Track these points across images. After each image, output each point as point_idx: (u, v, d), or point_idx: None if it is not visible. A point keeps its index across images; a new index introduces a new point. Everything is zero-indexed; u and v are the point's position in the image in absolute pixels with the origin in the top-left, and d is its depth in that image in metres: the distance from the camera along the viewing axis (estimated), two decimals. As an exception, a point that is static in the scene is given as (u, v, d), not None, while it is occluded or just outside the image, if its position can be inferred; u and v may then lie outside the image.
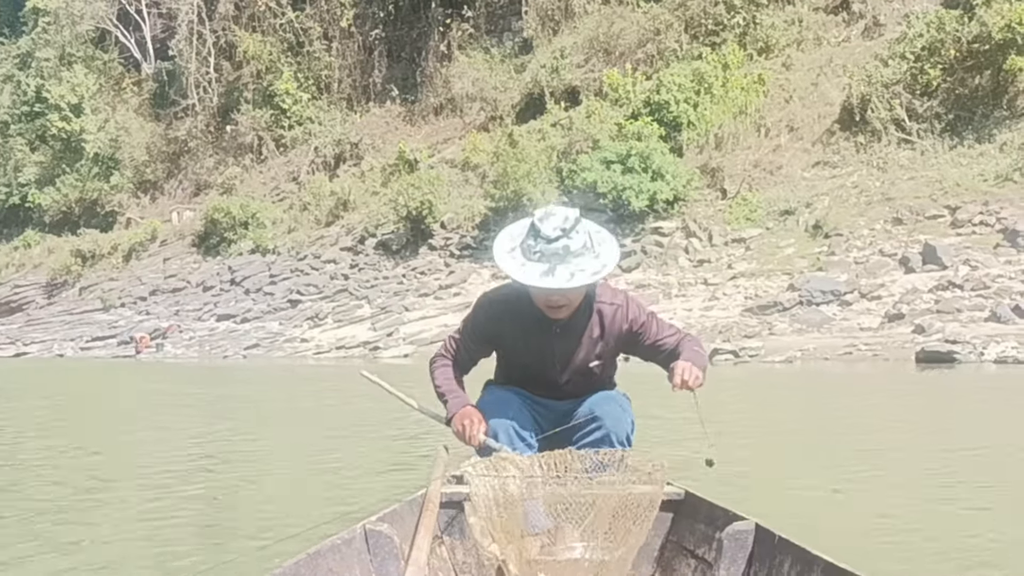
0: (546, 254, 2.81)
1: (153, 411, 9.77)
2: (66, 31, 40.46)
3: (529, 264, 2.83)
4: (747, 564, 2.54)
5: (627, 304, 3.08)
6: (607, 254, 2.90)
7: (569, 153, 24.79)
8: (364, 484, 4.88)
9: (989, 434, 6.29)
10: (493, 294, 3.22)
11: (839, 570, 2.15)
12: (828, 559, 2.21)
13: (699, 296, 18.98)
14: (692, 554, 2.77)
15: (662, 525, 2.88)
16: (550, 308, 2.94)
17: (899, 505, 4.03)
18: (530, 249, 2.84)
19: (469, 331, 3.18)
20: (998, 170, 18.79)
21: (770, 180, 22.04)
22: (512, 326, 3.06)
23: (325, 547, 2.33)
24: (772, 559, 2.44)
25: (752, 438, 6.19)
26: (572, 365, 3.09)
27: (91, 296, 32.41)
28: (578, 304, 2.97)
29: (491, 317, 3.11)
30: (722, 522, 2.64)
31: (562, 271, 2.79)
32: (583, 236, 2.84)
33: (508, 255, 2.90)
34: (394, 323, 22.20)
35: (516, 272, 2.85)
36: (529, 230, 2.87)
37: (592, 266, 2.83)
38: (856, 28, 25.77)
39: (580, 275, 2.80)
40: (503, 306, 3.08)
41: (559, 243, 2.80)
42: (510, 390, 3.17)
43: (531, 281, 2.82)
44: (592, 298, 3.03)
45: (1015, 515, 3.82)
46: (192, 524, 3.97)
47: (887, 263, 17.44)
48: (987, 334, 13.00)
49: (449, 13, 33.01)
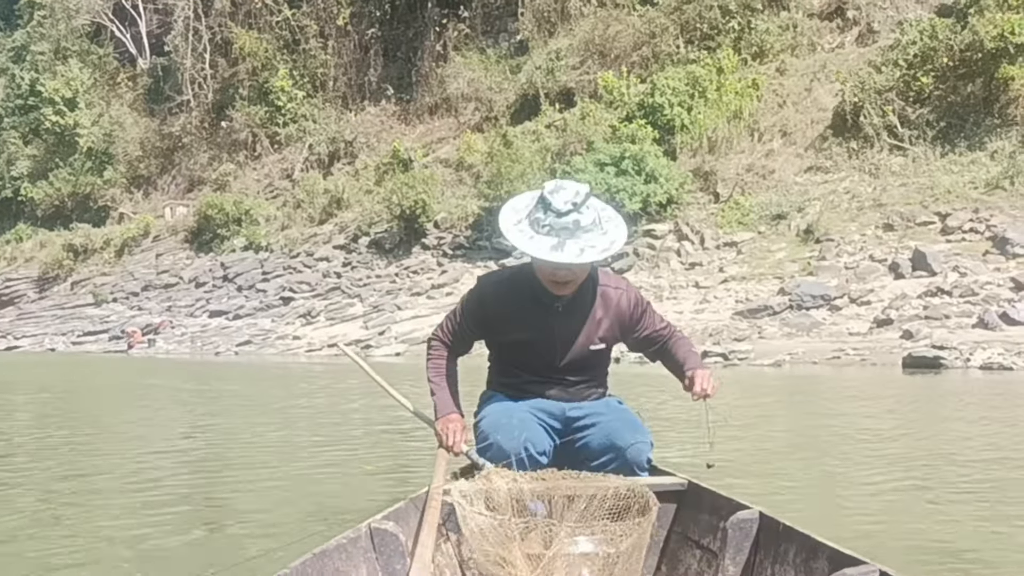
0: (555, 228, 2.75)
1: (143, 407, 9.80)
2: (61, 25, 40.45)
3: (538, 237, 2.78)
4: (752, 553, 2.54)
5: (629, 289, 3.07)
6: (615, 231, 2.85)
7: (563, 154, 24.87)
8: (354, 482, 4.91)
9: (965, 437, 6.37)
10: (492, 275, 3.20)
11: (844, 556, 2.16)
12: (833, 545, 2.23)
13: (690, 299, 19.07)
14: (697, 544, 2.77)
15: (666, 516, 2.88)
16: (555, 284, 2.89)
17: (863, 497, 4.11)
18: (539, 222, 2.78)
19: (469, 311, 3.10)
20: (988, 178, 18.93)
21: (763, 184, 22.16)
22: (512, 306, 3.00)
23: (331, 546, 2.32)
24: (777, 547, 2.45)
25: (741, 437, 6.26)
26: (573, 346, 3.03)
27: (83, 291, 32.40)
28: (582, 282, 2.94)
29: (491, 295, 3.05)
30: (726, 511, 2.64)
31: (572, 246, 2.75)
32: (593, 212, 2.80)
33: (515, 227, 2.84)
34: (386, 322, 22.25)
35: (525, 244, 2.79)
36: (538, 203, 2.81)
37: (601, 243, 2.79)
38: (850, 35, 25.94)
39: (590, 251, 2.76)
40: (503, 286, 3.05)
41: (569, 217, 2.75)
42: (514, 400, 3.08)
43: (540, 254, 2.77)
44: (595, 280, 3.00)
45: (976, 512, 3.90)
46: (182, 523, 3.96)
47: (877, 268, 17.55)
48: (974, 340, 13.11)
49: (445, 13, 33.11)
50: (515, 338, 3.05)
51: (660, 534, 2.87)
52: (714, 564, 2.62)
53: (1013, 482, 4.74)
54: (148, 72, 40.05)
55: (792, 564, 2.36)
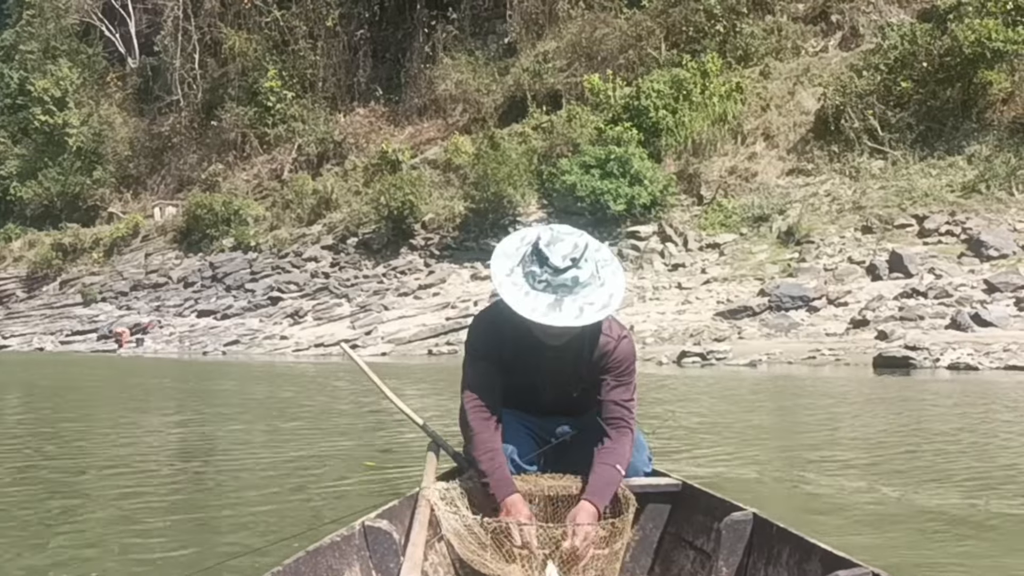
0: (552, 284, 2.59)
1: (133, 406, 9.96)
2: (51, 24, 40.47)
3: (533, 293, 2.60)
4: (745, 554, 2.54)
5: (620, 343, 2.85)
6: (612, 281, 2.68)
7: (550, 156, 25.11)
8: (352, 478, 5.00)
9: (914, 432, 6.63)
10: (487, 314, 2.99)
11: (837, 558, 2.15)
12: (826, 547, 2.23)
13: (673, 300, 19.32)
14: (691, 545, 2.77)
15: (660, 517, 2.89)
16: (549, 336, 2.73)
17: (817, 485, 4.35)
18: (534, 276, 2.61)
19: (480, 355, 2.90)
20: (965, 181, 19.24)
21: (745, 187, 22.44)
22: (508, 344, 2.84)
23: (324, 544, 2.32)
24: (771, 548, 2.45)
25: (702, 434, 6.51)
26: (558, 388, 2.94)
27: (72, 290, 32.48)
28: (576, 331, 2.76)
29: (490, 334, 2.88)
30: (720, 512, 2.63)
31: (569, 305, 2.59)
32: (591, 264, 2.63)
33: (508, 280, 2.65)
34: (373, 322, 22.44)
35: (520, 304, 2.60)
36: (533, 255, 2.63)
37: (600, 299, 2.62)
38: (834, 38, 26.23)
39: (588, 309, 2.60)
40: (497, 327, 2.85)
41: (568, 274, 2.58)
42: (507, 414, 2.93)
43: (536, 317, 2.58)
44: (598, 326, 2.79)
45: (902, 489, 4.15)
46: (171, 521, 4.04)
47: (855, 270, 17.84)
48: (946, 341, 13.39)
49: (434, 15, 33.28)
50: (505, 373, 2.91)
51: (654, 535, 2.89)
52: (707, 565, 2.62)
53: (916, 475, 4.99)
54: (137, 72, 40.11)
55: (785, 566, 2.36)
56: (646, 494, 2.88)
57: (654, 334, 17.11)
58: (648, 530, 2.88)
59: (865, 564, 2.09)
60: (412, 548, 2.38)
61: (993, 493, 4.45)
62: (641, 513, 2.86)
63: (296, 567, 2.17)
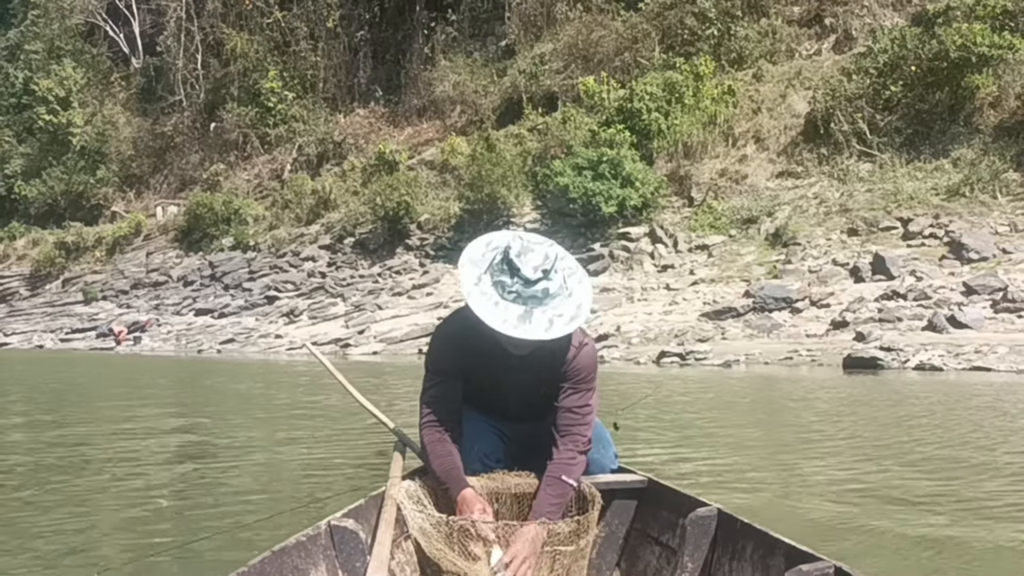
0: (523, 295, 2.59)
1: (129, 403, 10.21)
2: (55, 24, 40.92)
3: (503, 304, 2.60)
4: (710, 549, 2.56)
5: (582, 351, 2.86)
6: (580, 292, 2.69)
7: (544, 158, 25.36)
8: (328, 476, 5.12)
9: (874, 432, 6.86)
10: (448, 327, 2.98)
11: (801, 552, 2.18)
12: (790, 542, 2.26)
13: (660, 300, 19.54)
14: (656, 541, 2.79)
15: (626, 513, 2.91)
16: (515, 347, 2.73)
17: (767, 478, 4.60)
18: (503, 286, 2.61)
19: (440, 370, 2.91)
20: (950, 184, 19.41)
21: (735, 189, 22.64)
22: (471, 356, 2.86)
23: (290, 544, 2.30)
24: (735, 544, 2.47)
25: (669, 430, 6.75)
26: (524, 395, 2.97)
27: (74, 288, 32.90)
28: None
29: (452, 349, 2.89)
30: (685, 508, 2.66)
31: (539, 317, 2.59)
32: (560, 275, 2.64)
33: (476, 289, 2.64)
34: (366, 321, 22.72)
35: (490, 316, 2.59)
36: (504, 264, 2.63)
37: (568, 310, 2.63)
38: (828, 42, 26.41)
39: (558, 322, 2.60)
40: (461, 339, 2.86)
41: (539, 286, 2.59)
42: (472, 414, 2.99)
43: (507, 330, 2.58)
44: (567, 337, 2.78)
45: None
46: (160, 515, 4.14)
47: (839, 272, 18.04)
48: (921, 342, 13.58)
49: (434, 16, 33.62)
50: (469, 387, 2.95)
51: (620, 531, 2.91)
52: (673, 561, 2.64)
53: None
54: (141, 72, 40.55)
55: (749, 560, 2.39)
56: (612, 491, 2.92)
57: (640, 334, 17.33)
58: (614, 526, 2.91)
59: (827, 559, 2.11)
60: (379, 547, 2.38)
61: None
62: (607, 509, 2.91)
63: (261, 567, 2.14)
